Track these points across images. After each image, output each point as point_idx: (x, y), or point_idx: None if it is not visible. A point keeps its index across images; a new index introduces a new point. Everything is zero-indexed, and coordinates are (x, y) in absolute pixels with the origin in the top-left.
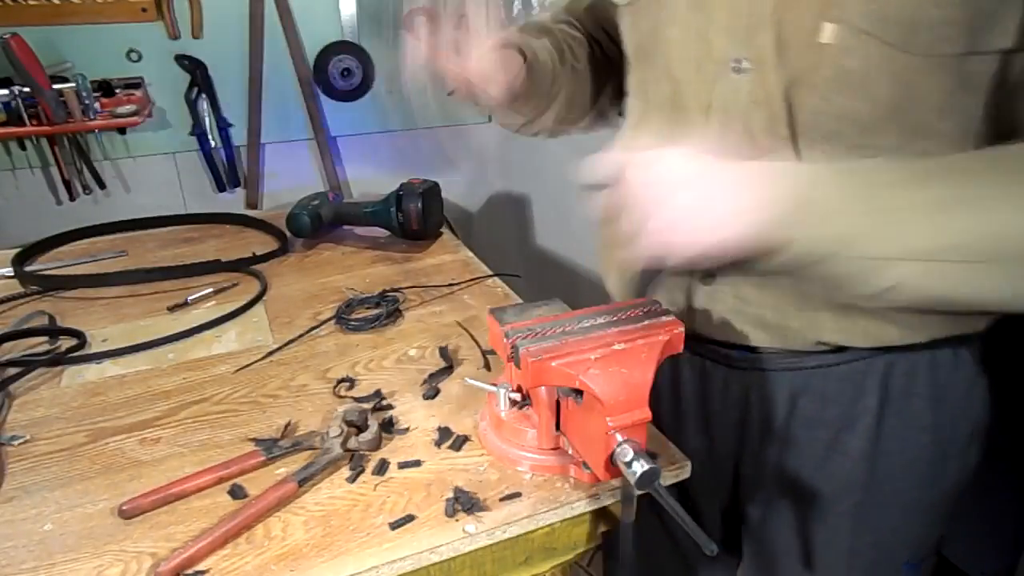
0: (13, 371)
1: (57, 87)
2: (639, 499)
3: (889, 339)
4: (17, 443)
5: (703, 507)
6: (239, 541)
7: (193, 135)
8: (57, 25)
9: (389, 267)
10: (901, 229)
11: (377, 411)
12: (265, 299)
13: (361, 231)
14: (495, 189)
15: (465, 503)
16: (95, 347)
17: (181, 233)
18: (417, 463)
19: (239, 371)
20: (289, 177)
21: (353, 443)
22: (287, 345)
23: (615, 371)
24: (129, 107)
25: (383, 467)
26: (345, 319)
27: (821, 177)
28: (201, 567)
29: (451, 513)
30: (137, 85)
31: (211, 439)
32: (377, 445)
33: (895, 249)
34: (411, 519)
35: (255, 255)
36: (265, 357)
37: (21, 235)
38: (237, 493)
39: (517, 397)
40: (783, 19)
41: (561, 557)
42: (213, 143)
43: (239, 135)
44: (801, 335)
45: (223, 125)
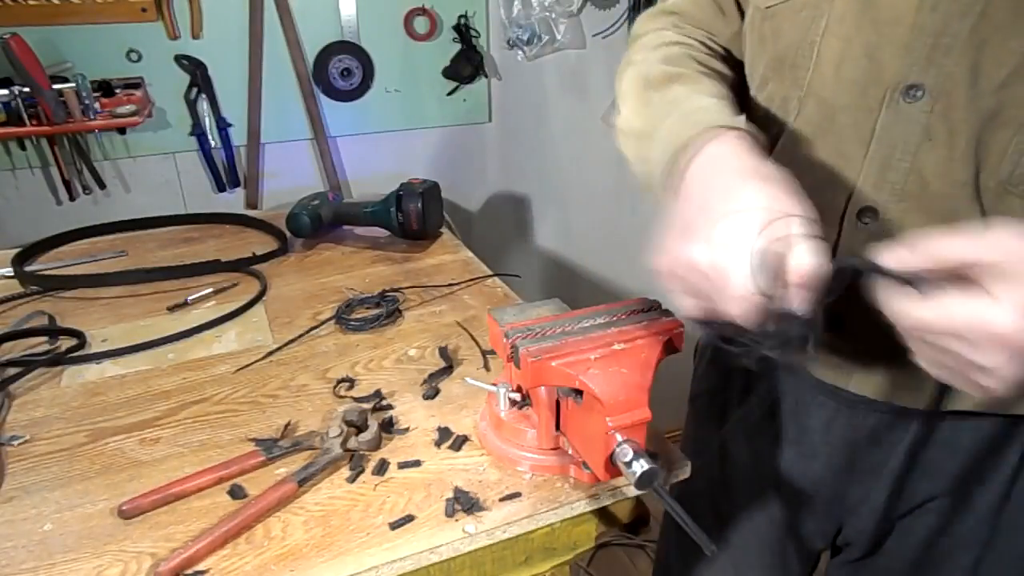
0: (13, 371)
1: (57, 87)
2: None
3: None
4: (17, 443)
5: (797, 524)
6: (239, 541)
7: (193, 135)
8: (57, 25)
9: (389, 267)
10: None
11: (377, 411)
12: (265, 299)
13: (361, 231)
14: (495, 189)
15: (465, 503)
16: (95, 347)
17: (181, 233)
18: (417, 463)
19: (239, 371)
20: (289, 177)
21: (353, 443)
22: (287, 345)
23: (615, 371)
24: (129, 107)
25: (383, 467)
26: (345, 319)
27: None
28: (201, 567)
29: (451, 513)
30: (137, 85)
31: (211, 439)
32: (377, 445)
33: None
34: (411, 519)
35: (255, 255)
36: (265, 357)
37: (21, 235)
38: (237, 493)
39: (517, 397)
40: (986, 41)
41: (561, 557)
42: (213, 143)
43: (239, 135)
44: (947, 404)
45: (223, 125)
